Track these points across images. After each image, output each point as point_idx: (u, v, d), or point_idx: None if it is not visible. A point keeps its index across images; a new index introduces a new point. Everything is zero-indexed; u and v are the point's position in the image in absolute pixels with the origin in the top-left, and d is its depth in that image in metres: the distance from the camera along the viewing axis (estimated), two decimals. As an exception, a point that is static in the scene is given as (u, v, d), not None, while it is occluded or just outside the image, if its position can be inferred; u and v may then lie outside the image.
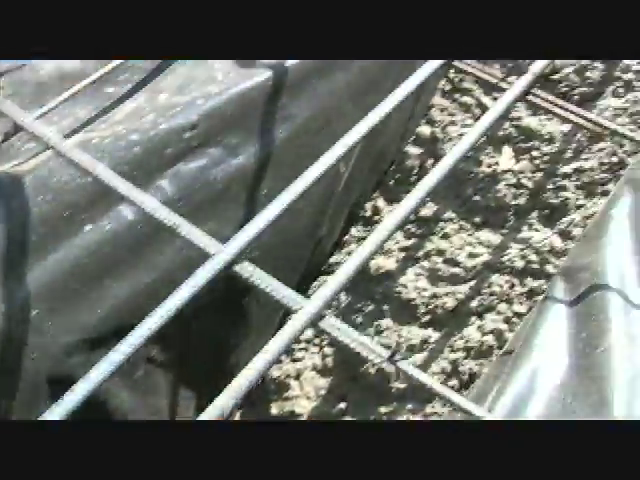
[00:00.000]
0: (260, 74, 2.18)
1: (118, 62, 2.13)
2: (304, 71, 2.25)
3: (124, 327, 1.48)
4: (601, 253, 1.94)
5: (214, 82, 2.16)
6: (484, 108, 2.60)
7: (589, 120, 1.88)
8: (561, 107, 1.89)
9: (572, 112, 1.88)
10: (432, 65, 1.95)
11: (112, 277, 1.93)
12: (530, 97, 1.92)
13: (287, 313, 1.80)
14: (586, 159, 2.47)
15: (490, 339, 2.23)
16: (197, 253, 1.58)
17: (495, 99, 2.54)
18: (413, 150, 2.64)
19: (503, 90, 1.93)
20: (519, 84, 1.90)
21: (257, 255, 2.22)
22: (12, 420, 1.77)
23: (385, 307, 2.38)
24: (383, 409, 2.24)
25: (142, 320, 1.42)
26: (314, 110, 2.28)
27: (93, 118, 2.07)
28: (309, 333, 2.40)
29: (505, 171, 2.50)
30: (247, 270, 1.55)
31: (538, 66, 1.94)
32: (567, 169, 2.47)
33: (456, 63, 1.98)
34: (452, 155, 1.79)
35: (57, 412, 1.27)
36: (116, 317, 1.93)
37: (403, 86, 1.93)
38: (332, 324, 1.46)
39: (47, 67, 2.21)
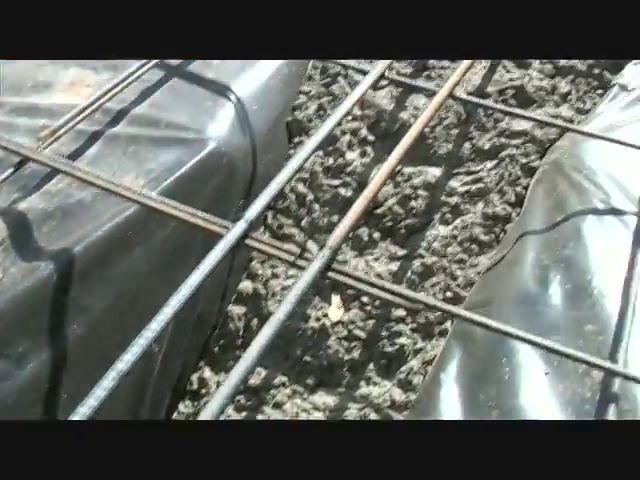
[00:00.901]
0: (44, 267, 1.97)
1: None
2: (95, 256, 2.04)
3: None
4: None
5: (-8, 283, 1.94)
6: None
7: (399, 295, 1.72)
8: (365, 282, 1.73)
9: (378, 286, 1.72)
10: (232, 239, 1.78)
11: None
12: (331, 273, 1.75)
13: None
14: (420, 297, 2.33)
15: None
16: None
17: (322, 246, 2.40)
18: (236, 310, 2.45)
19: (302, 268, 1.76)
20: (317, 262, 1.73)
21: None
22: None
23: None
24: None
25: None
26: (114, 295, 2.08)
27: None
28: None
29: (335, 323, 2.33)
30: None
31: (334, 241, 1.78)
32: (400, 312, 2.32)
33: (249, 242, 1.80)
34: (278, 314, 1.61)
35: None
36: None
37: (213, 253, 1.74)
38: None
39: None
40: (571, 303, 1.98)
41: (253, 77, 2.59)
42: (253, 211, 1.83)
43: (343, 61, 2.61)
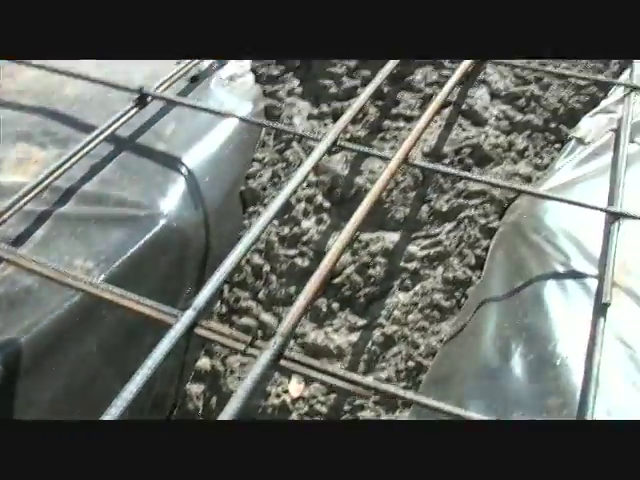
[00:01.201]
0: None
1: None
2: (43, 345, 1.98)
3: None
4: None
5: None
6: (268, 329, 2.38)
7: (353, 382, 1.66)
8: (318, 370, 1.68)
9: (331, 374, 1.67)
10: (181, 328, 1.73)
11: None
12: (282, 362, 1.70)
13: None
14: (382, 368, 2.28)
15: None
16: None
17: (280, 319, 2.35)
18: (194, 388, 2.39)
19: (253, 356, 1.70)
20: (268, 352, 1.67)
21: None
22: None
23: None
24: None
25: None
26: (63, 385, 2.02)
27: None
28: None
29: (296, 399, 2.27)
30: None
31: (286, 327, 1.73)
32: (362, 384, 2.26)
33: (199, 331, 1.75)
34: (240, 393, 1.56)
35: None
36: None
37: (162, 344, 1.68)
38: None
39: None
40: (533, 375, 1.93)
41: (204, 147, 2.55)
42: (202, 298, 1.78)
43: (294, 130, 2.58)
